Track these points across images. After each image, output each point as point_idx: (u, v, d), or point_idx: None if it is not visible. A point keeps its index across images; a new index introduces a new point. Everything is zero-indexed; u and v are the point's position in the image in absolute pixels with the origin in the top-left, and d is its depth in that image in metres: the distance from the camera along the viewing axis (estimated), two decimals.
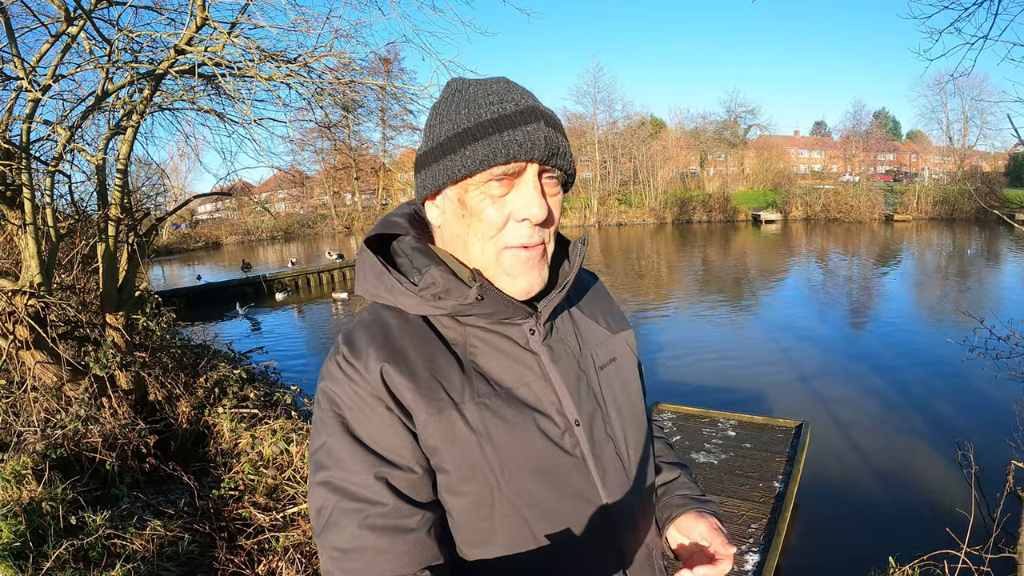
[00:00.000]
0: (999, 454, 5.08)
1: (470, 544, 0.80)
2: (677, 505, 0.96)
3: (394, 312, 0.83)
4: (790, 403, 7.15)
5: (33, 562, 2.80)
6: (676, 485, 1.01)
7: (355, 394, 0.76)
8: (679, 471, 1.04)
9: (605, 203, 40.44)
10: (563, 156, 0.78)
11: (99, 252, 4.42)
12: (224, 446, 4.48)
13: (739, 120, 45.86)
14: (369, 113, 8.86)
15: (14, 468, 3.48)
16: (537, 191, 0.77)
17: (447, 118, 0.78)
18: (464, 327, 0.83)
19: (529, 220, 0.77)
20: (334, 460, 0.75)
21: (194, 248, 39.23)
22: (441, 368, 0.79)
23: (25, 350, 4.08)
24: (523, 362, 0.83)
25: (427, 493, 0.77)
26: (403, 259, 0.86)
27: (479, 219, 0.78)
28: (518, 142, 0.73)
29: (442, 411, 0.76)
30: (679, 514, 0.94)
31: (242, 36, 3.70)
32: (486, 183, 0.76)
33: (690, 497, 0.97)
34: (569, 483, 0.82)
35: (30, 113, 3.67)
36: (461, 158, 0.75)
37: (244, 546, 3.38)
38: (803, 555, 4.38)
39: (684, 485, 1.01)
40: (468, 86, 0.80)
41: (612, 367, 0.93)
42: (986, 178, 34.74)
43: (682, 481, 1.02)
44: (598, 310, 0.99)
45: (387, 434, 0.75)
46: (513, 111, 0.75)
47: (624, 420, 0.91)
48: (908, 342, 9.90)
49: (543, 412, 0.82)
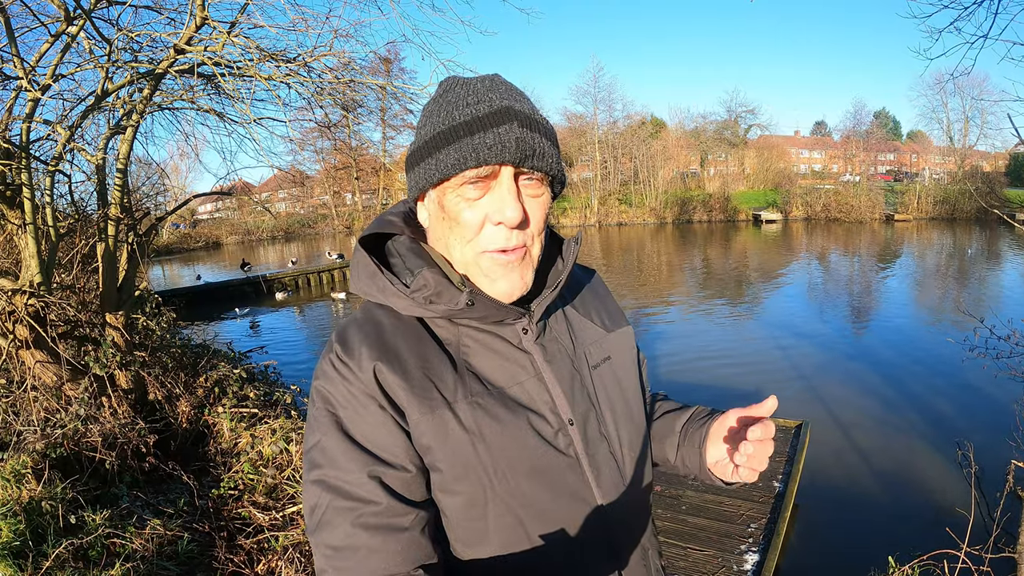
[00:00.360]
0: (999, 454, 5.07)
1: (464, 543, 0.80)
2: (701, 425, 0.96)
3: (387, 311, 0.83)
4: (790, 403, 7.14)
5: (33, 561, 2.80)
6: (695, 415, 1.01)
7: (348, 393, 0.77)
8: (692, 408, 1.04)
9: (605, 203, 40.44)
10: (540, 157, 0.76)
11: (99, 252, 4.41)
12: (224, 445, 4.48)
13: (739, 120, 45.85)
14: (369, 113, 8.87)
15: (14, 467, 3.48)
16: (512, 194, 0.76)
17: (429, 120, 0.79)
18: (457, 327, 0.83)
19: (504, 224, 0.76)
20: (328, 458, 0.75)
21: (194, 248, 39.24)
22: (434, 367, 0.79)
23: (25, 349, 4.08)
24: (516, 361, 0.83)
25: (421, 492, 0.77)
26: (396, 259, 0.85)
27: (457, 222, 0.78)
28: (487, 144, 0.73)
29: (435, 410, 0.76)
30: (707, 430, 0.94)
31: (242, 36, 3.70)
32: (461, 186, 0.76)
33: (708, 413, 0.98)
34: (563, 483, 0.82)
35: (30, 113, 3.67)
36: (436, 161, 0.76)
37: (243, 545, 3.39)
38: (803, 555, 4.38)
39: (701, 412, 1.01)
40: (455, 85, 0.80)
41: (606, 366, 0.93)
42: (987, 178, 34.70)
43: (699, 411, 1.02)
44: (593, 308, 0.99)
45: (380, 433, 0.75)
46: (486, 112, 0.74)
47: (618, 419, 0.90)
48: (908, 342, 9.89)
49: (536, 411, 0.81)
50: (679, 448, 1.00)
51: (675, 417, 1.03)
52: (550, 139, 0.79)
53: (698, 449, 0.95)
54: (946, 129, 39.63)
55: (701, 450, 0.95)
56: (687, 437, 0.99)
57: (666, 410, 1.08)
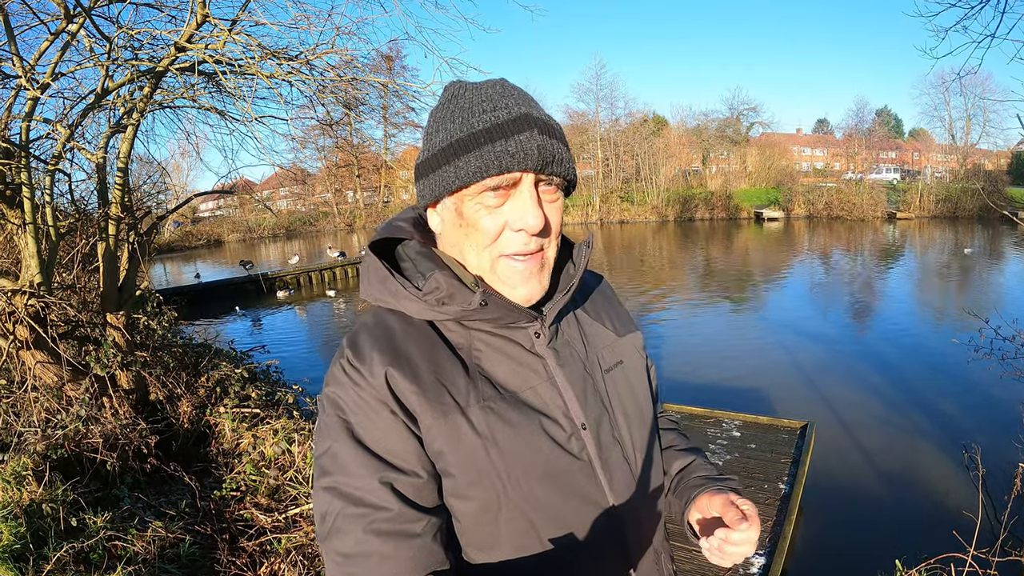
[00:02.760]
0: (1006, 456, 5.05)
1: (476, 548, 0.80)
2: (695, 486, 0.96)
3: (398, 316, 0.83)
4: (795, 403, 7.11)
5: (33, 564, 2.78)
6: (693, 468, 1.01)
7: (360, 398, 0.76)
8: (694, 456, 1.04)
9: (607, 201, 40.43)
10: (560, 163, 0.77)
11: (100, 251, 4.39)
12: (226, 446, 4.46)
13: (742, 118, 45.84)
14: (371, 111, 8.84)
15: (14, 469, 3.46)
16: (534, 201, 0.76)
17: (442, 127, 0.78)
18: (469, 331, 0.82)
19: (525, 230, 0.76)
20: (339, 465, 0.75)
21: (195, 246, 39.25)
22: (446, 372, 0.79)
23: (25, 350, 4.06)
24: (529, 365, 0.83)
25: (432, 498, 0.76)
26: (407, 263, 0.85)
27: (476, 229, 0.77)
28: (510, 152, 0.72)
29: (447, 415, 0.76)
30: (697, 495, 0.93)
31: (243, 33, 3.67)
32: (481, 194, 0.75)
33: (706, 477, 0.97)
34: (576, 487, 0.81)
35: (29, 111, 3.64)
36: (455, 169, 0.75)
37: (246, 548, 3.37)
38: (809, 558, 4.36)
39: (701, 467, 1.00)
40: (464, 91, 0.79)
41: (618, 370, 0.93)
42: (989, 176, 34.62)
43: (698, 464, 1.02)
44: (604, 312, 0.99)
45: (392, 439, 0.75)
46: (506, 119, 0.74)
47: (631, 423, 0.90)
48: (913, 342, 9.85)
49: (549, 416, 0.81)
50: (667, 493, 1.01)
51: (674, 458, 1.04)
52: (564, 144, 0.79)
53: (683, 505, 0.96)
54: (948, 127, 39.62)
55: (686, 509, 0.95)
56: (679, 484, 1.00)
57: (670, 445, 1.08)
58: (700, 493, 0.93)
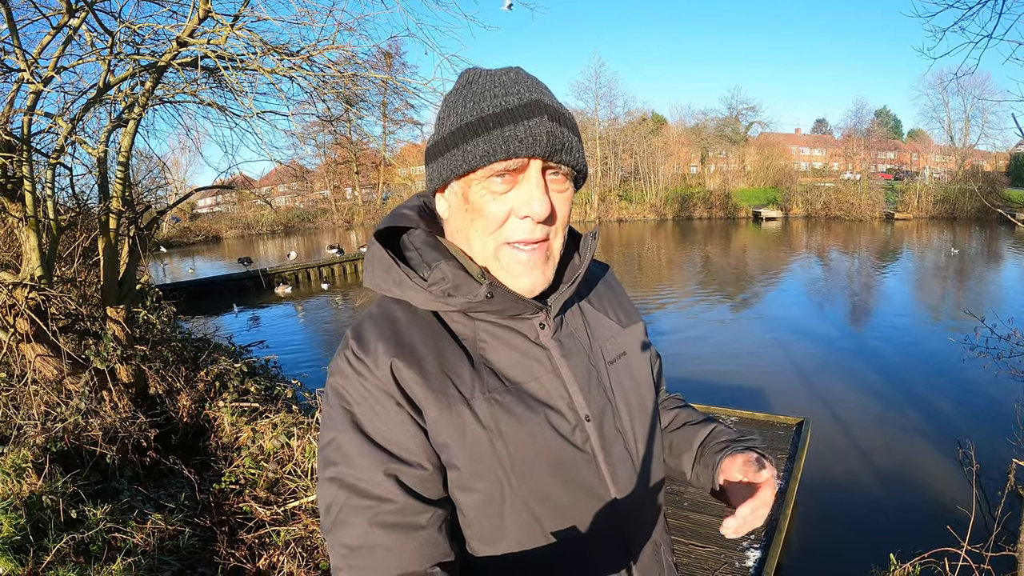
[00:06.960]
0: (1000, 453, 5.09)
1: (480, 540, 0.80)
2: (717, 451, 0.95)
3: (403, 306, 0.82)
4: (791, 400, 7.15)
5: (33, 556, 2.79)
6: (714, 435, 1.00)
7: (364, 389, 0.75)
8: (712, 424, 1.03)
9: (606, 199, 40.38)
10: (569, 152, 0.76)
11: (100, 245, 4.40)
12: (225, 440, 4.47)
13: (740, 117, 45.74)
14: (370, 107, 8.83)
15: (14, 462, 3.47)
16: (540, 188, 0.75)
17: (453, 111, 0.77)
18: (474, 321, 0.82)
19: (531, 217, 0.75)
20: (343, 456, 0.74)
21: (194, 242, 39.15)
22: (451, 363, 0.78)
23: (26, 343, 4.07)
24: (533, 357, 0.82)
25: (437, 490, 0.76)
26: (413, 253, 0.84)
27: (481, 214, 0.77)
28: (518, 137, 0.72)
29: (452, 407, 0.75)
30: (720, 459, 0.93)
31: (245, 29, 3.68)
32: (488, 179, 0.75)
33: (728, 440, 0.96)
34: (579, 479, 0.81)
35: (31, 105, 3.65)
36: (463, 153, 0.74)
37: (245, 540, 3.38)
38: (804, 552, 4.39)
39: (721, 433, 1.00)
40: (478, 77, 0.79)
41: (622, 362, 0.92)
42: (987, 177, 34.65)
43: (719, 430, 1.01)
44: (608, 304, 0.98)
45: (397, 430, 0.75)
46: (516, 104, 0.73)
47: (633, 415, 0.90)
48: (909, 340, 9.90)
49: (553, 407, 0.81)
50: (694, 465, 1.00)
51: (694, 432, 1.03)
52: (576, 134, 0.78)
53: (711, 473, 0.95)
54: (947, 128, 39.55)
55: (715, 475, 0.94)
56: (702, 457, 0.99)
57: (686, 421, 1.07)
58: (723, 457, 0.93)
